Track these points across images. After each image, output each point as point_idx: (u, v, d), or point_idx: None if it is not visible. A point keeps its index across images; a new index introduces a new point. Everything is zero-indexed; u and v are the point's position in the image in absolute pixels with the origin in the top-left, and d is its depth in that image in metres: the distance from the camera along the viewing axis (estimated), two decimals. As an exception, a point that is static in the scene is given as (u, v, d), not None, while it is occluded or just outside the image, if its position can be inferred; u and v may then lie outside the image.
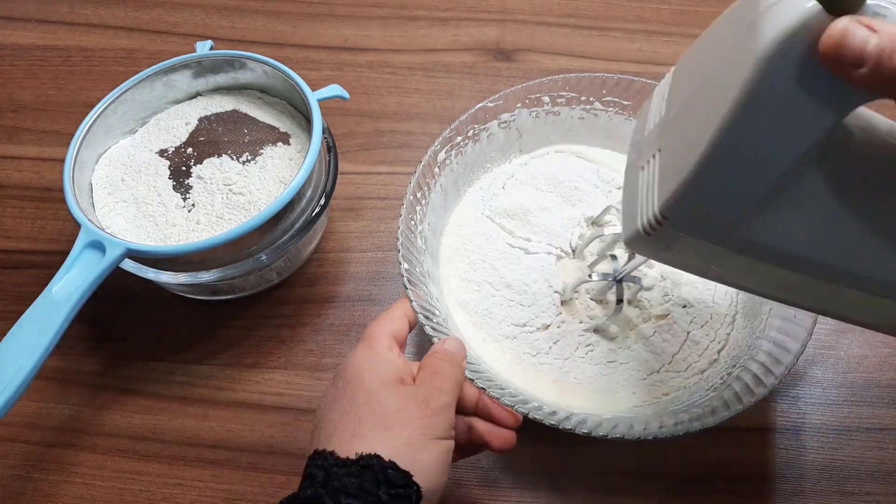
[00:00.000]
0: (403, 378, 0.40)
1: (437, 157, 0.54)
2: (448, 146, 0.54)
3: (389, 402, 0.37)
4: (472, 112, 0.55)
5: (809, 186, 0.30)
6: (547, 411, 0.44)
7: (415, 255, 0.50)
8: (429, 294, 0.49)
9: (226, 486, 0.50)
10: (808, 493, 0.49)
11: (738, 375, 0.46)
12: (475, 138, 0.56)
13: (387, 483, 0.34)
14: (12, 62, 0.73)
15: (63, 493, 0.50)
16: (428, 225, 0.53)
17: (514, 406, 0.43)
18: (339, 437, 0.36)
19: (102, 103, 0.56)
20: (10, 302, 0.58)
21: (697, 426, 0.43)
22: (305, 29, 0.74)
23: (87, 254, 0.48)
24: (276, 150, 0.55)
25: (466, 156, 0.56)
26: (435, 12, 0.74)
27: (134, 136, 0.58)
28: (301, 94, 0.55)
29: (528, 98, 0.57)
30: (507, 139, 0.58)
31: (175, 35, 0.74)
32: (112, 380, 0.55)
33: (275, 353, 0.56)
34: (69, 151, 0.53)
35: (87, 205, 0.52)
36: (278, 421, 0.53)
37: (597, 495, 0.49)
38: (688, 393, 0.48)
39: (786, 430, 0.51)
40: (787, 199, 0.30)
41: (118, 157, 0.56)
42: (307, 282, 0.59)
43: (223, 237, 0.48)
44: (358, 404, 0.37)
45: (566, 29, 0.73)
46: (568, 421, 0.43)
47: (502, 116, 0.56)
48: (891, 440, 0.51)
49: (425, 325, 0.45)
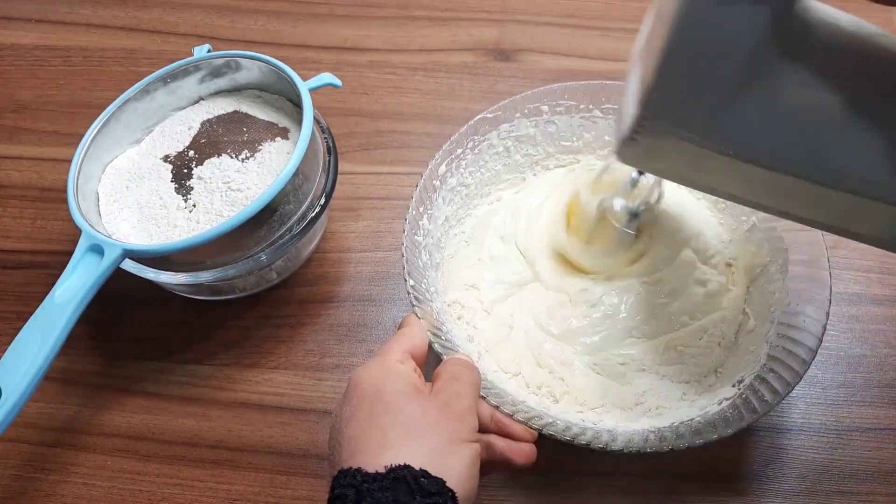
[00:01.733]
0: (420, 388, 0.39)
1: (437, 170, 0.53)
2: (448, 158, 0.54)
3: (411, 410, 0.36)
4: (471, 123, 0.54)
5: (776, 79, 0.32)
6: (561, 426, 0.43)
7: (420, 270, 0.49)
8: (435, 310, 0.48)
9: (226, 486, 0.50)
10: (808, 492, 0.49)
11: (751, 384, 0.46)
12: (475, 150, 0.55)
13: (421, 492, 0.32)
14: (12, 62, 0.73)
15: (63, 493, 0.50)
16: (432, 240, 0.52)
17: (529, 422, 0.43)
18: (364, 452, 0.35)
19: (104, 115, 0.56)
20: (10, 302, 0.58)
21: (714, 436, 0.42)
22: (305, 29, 0.74)
23: (87, 258, 0.49)
24: (274, 145, 0.55)
25: (468, 168, 0.55)
26: (435, 12, 0.74)
27: (140, 146, 0.58)
28: (293, 85, 0.55)
29: (527, 108, 0.56)
30: (508, 151, 0.57)
31: (175, 35, 0.74)
32: (112, 380, 0.55)
33: (275, 353, 0.56)
34: (73, 163, 0.53)
35: (92, 213, 0.53)
36: (278, 421, 0.53)
37: (596, 495, 0.49)
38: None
39: (786, 430, 0.51)
40: (757, 92, 0.32)
41: (123, 166, 0.57)
42: (307, 282, 0.59)
43: (215, 231, 0.48)
44: (378, 416, 0.36)
45: (566, 29, 0.73)
46: (583, 436, 0.43)
47: (502, 127, 0.56)
48: (891, 440, 0.51)
49: (434, 343, 0.44)
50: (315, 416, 0.53)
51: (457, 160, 0.54)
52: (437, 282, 0.52)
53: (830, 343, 0.54)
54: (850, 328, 0.55)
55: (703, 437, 0.42)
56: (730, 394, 0.47)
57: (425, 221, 0.52)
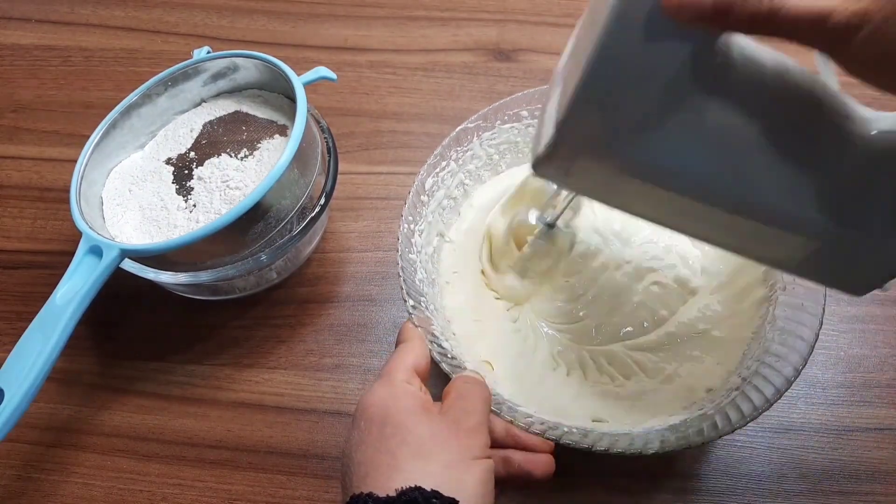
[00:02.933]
0: (428, 407, 0.38)
1: (423, 185, 0.52)
2: (434, 172, 0.53)
3: (420, 430, 0.36)
4: (452, 135, 0.54)
5: (693, 111, 0.32)
6: (578, 435, 0.43)
7: (417, 287, 0.49)
8: (436, 326, 0.47)
9: (226, 486, 0.50)
10: (807, 493, 0.49)
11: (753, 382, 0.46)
12: (459, 160, 0.55)
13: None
14: (12, 62, 0.73)
15: (63, 493, 0.50)
16: (426, 254, 0.52)
17: (544, 433, 0.42)
18: (375, 476, 0.34)
19: (107, 121, 0.56)
20: (10, 302, 0.58)
21: (727, 429, 0.42)
22: (305, 29, 0.74)
23: (87, 260, 0.49)
24: (272, 142, 0.55)
25: (455, 179, 0.55)
26: (435, 12, 0.74)
27: (144, 150, 0.58)
28: (289, 82, 0.55)
29: (506, 114, 0.55)
30: (492, 158, 0.57)
31: (175, 35, 0.74)
32: (112, 380, 0.55)
33: (275, 353, 0.56)
34: (76, 168, 0.53)
35: (96, 216, 0.53)
36: (278, 421, 0.53)
37: (596, 495, 0.49)
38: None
39: (785, 429, 0.51)
40: (672, 123, 0.32)
41: (127, 170, 0.57)
42: (307, 282, 0.59)
43: (210, 227, 0.48)
44: (387, 438, 0.36)
45: (566, 29, 0.73)
46: (601, 442, 0.42)
47: (483, 135, 0.55)
48: (891, 440, 0.51)
49: (440, 361, 0.44)
50: (315, 416, 0.53)
51: (443, 172, 0.54)
52: (435, 299, 0.51)
53: (830, 343, 0.54)
54: (851, 328, 0.55)
55: (703, 436, 0.42)
56: (728, 392, 0.47)
57: (417, 238, 0.51)
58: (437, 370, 0.43)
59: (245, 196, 0.51)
